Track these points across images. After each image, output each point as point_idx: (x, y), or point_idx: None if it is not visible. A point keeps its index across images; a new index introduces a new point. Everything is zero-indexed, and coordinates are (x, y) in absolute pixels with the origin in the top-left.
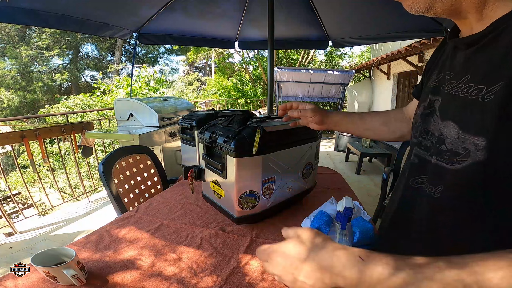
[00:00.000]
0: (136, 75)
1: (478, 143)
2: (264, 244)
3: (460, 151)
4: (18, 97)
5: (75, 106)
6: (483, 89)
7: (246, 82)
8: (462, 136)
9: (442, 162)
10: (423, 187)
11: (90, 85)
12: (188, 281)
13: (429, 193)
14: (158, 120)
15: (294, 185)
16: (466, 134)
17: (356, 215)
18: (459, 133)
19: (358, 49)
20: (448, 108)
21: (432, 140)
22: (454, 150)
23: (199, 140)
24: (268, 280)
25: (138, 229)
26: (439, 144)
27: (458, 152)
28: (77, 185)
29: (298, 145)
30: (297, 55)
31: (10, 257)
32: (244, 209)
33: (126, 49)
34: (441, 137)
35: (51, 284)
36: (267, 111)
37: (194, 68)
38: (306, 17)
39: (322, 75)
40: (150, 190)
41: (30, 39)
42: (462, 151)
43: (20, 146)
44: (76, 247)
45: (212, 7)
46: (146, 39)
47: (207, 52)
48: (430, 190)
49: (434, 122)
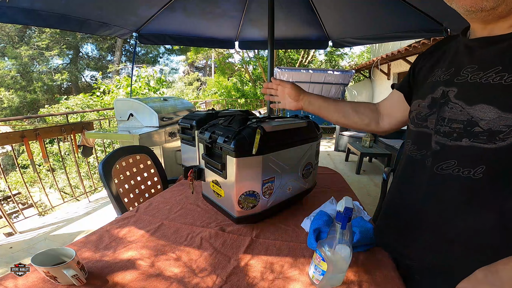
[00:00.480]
0: (136, 75)
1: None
2: (264, 244)
3: (502, 129)
4: (18, 97)
5: (75, 106)
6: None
7: (246, 82)
8: (503, 115)
9: (479, 143)
10: (451, 172)
11: (90, 85)
12: (188, 281)
13: (466, 175)
14: (158, 120)
15: (294, 185)
16: (507, 113)
17: (356, 215)
18: (498, 113)
19: (358, 49)
20: (476, 95)
21: (453, 126)
22: (494, 129)
23: (199, 140)
24: (268, 280)
25: (138, 229)
26: (471, 127)
27: (500, 130)
28: (77, 185)
29: (298, 145)
30: (297, 55)
31: (10, 257)
32: (244, 209)
33: (126, 49)
34: (472, 120)
35: (51, 284)
36: (267, 111)
37: (194, 68)
38: (306, 17)
39: (322, 75)
40: (150, 190)
41: (30, 39)
42: (505, 128)
43: (20, 146)
44: (76, 247)
45: (212, 7)
46: (146, 39)
47: (207, 52)
48: (467, 173)
49: (452, 110)
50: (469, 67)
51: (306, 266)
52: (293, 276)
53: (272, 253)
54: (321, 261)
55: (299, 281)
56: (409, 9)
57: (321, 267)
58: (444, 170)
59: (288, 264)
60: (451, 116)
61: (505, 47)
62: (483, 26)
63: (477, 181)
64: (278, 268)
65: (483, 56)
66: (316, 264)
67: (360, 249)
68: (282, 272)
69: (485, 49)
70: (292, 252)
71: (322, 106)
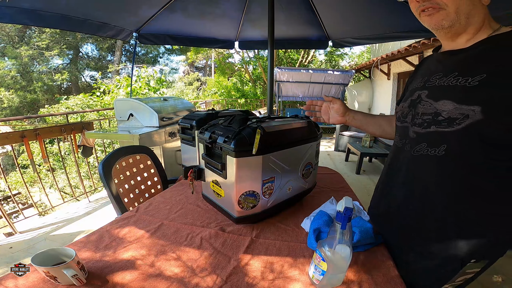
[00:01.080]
0: (136, 75)
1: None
2: (264, 244)
3: (457, 116)
4: (18, 97)
5: (75, 106)
6: (469, 79)
7: (246, 82)
8: (458, 106)
9: (442, 128)
10: (422, 152)
11: (90, 85)
12: (188, 281)
13: (433, 154)
14: (158, 120)
15: (294, 185)
16: (461, 105)
17: (356, 215)
18: (455, 105)
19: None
20: (440, 94)
21: (424, 118)
22: (452, 117)
23: (199, 140)
24: (268, 280)
25: (138, 229)
26: (436, 117)
27: (456, 117)
28: (77, 185)
29: (298, 145)
30: (297, 55)
31: (10, 257)
32: (244, 209)
33: (126, 49)
34: (437, 112)
35: (51, 284)
36: (267, 111)
37: (194, 68)
38: (306, 17)
39: (322, 75)
40: (150, 190)
41: (30, 39)
42: (459, 116)
43: (20, 146)
44: (76, 247)
45: (212, 7)
46: (146, 39)
47: (207, 52)
48: (433, 152)
49: (424, 106)
50: (437, 75)
51: (306, 266)
52: (293, 276)
53: (272, 253)
54: (321, 261)
55: (299, 281)
56: (409, 9)
57: (321, 267)
58: (419, 151)
59: (288, 264)
60: (423, 111)
61: (461, 58)
62: (447, 42)
63: (441, 158)
64: (278, 268)
65: (446, 65)
66: (316, 264)
67: (360, 249)
68: (282, 272)
69: (448, 59)
70: (292, 252)
71: (363, 120)
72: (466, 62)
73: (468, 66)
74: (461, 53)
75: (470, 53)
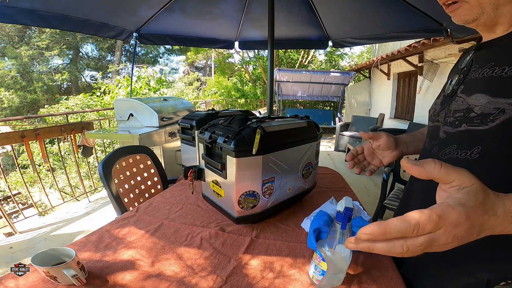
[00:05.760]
0: (136, 75)
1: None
2: (264, 244)
3: (492, 111)
4: (18, 97)
5: (75, 106)
6: (505, 68)
7: (246, 82)
8: (492, 100)
9: (474, 126)
10: (451, 155)
11: (90, 85)
12: (188, 281)
13: (463, 157)
14: (158, 120)
15: (294, 185)
16: (496, 98)
17: (356, 215)
18: (489, 99)
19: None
20: (473, 87)
21: (456, 115)
22: (485, 113)
23: (199, 140)
24: (268, 280)
25: (138, 229)
26: (468, 113)
27: (490, 113)
28: (77, 185)
29: (298, 145)
30: (297, 55)
31: (10, 257)
32: (244, 209)
33: (126, 49)
34: (469, 107)
35: (51, 284)
36: (267, 111)
37: (194, 68)
38: (306, 17)
39: (322, 76)
40: (150, 190)
41: (30, 39)
42: (494, 111)
43: (20, 146)
44: (76, 247)
45: (212, 7)
46: (146, 39)
47: (207, 52)
48: (464, 155)
49: (457, 102)
50: (473, 67)
51: (306, 266)
52: (293, 276)
53: (272, 253)
54: (321, 261)
55: (299, 281)
56: (409, 9)
57: (321, 267)
58: (447, 154)
59: (288, 264)
60: (456, 107)
61: (498, 46)
62: (485, 34)
63: (473, 162)
64: (278, 268)
65: (483, 55)
66: (316, 264)
67: None
68: (282, 272)
69: (485, 49)
70: (292, 252)
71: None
72: (503, 50)
73: (505, 54)
74: (498, 42)
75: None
